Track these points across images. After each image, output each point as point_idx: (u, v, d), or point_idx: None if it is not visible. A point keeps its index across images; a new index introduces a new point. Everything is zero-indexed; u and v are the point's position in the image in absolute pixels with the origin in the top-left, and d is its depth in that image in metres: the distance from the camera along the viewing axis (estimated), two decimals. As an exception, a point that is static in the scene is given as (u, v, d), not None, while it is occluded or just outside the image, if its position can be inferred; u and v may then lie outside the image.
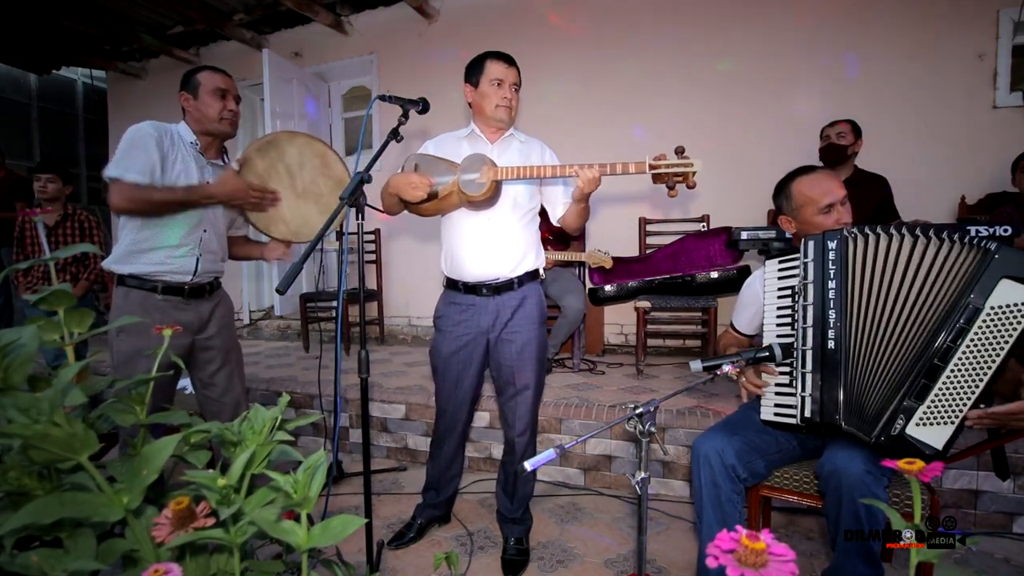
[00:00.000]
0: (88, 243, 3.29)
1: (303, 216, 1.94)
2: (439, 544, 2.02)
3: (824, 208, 1.54)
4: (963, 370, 1.20)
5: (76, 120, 6.93)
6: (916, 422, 1.22)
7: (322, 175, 1.94)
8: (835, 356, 1.33)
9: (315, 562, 0.82)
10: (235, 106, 1.82)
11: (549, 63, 4.02)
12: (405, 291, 4.53)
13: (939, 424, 1.21)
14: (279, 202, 1.88)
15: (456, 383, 1.89)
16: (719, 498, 1.41)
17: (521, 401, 1.84)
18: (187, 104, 1.79)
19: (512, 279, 1.81)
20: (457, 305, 1.86)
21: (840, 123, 2.89)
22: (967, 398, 1.19)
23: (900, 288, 1.31)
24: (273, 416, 0.72)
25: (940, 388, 1.21)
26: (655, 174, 1.58)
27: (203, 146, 1.81)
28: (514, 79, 1.79)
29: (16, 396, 0.60)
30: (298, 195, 1.92)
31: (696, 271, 3.30)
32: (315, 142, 1.94)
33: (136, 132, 1.68)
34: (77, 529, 0.64)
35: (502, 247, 1.79)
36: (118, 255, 1.73)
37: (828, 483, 1.30)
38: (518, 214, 1.81)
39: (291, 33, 4.79)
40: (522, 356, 1.81)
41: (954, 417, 1.20)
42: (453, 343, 1.86)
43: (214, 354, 1.88)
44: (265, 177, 1.86)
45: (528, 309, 1.82)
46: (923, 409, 1.22)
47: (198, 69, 1.81)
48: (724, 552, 0.46)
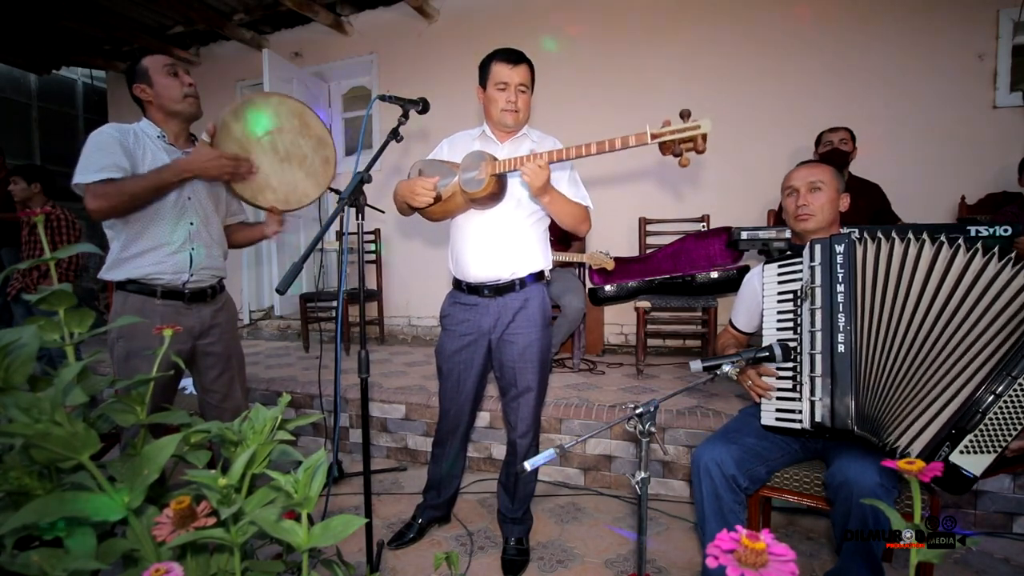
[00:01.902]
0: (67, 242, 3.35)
1: (291, 181, 1.85)
2: (439, 544, 2.02)
3: (787, 189, 1.59)
4: (1014, 401, 1.17)
5: (76, 120, 6.93)
6: (961, 449, 1.19)
7: (302, 135, 1.86)
8: (846, 360, 1.31)
9: (315, 562, 0.82)
10: (190, 79, 1.75)
11: (549, 63, 4.02)
12: (405, 291, 4.53)
13: (982, 453, 1.18)
14: (255, 170, 1.77)
15: (458, 382, 1.88)
16: (721, 509, 1.41)
17: (523, 403, 1.83)
18: (144, 95, 1.70)
19: (514, 281, 1.79)
20: (461, 305, 1.86)
21: (840, 130, 2.93)
22: (1014, 429, 1.16)
23: (922, 295, 1.28)
24: (274, 416, 0.72)
25: (990, 419, 1.18)
26: (661, 143, 1.45)
27: (171, 137, 1.74)
28: (520, 79, 1.72)
29: (17, 395, 0.60)
30: (281, 159, 1.83)
31: (696, 271, 3.30)
32: (289, 100, 1.86)
33: (96, 136, 1.63)
34: (78, 528, 0.64)
35: (504, 248, 1.77)
36: (110, 264, 1.68)
37: (839, 493, 1.29)
38: (523, 214, 1.79)
39: (291, 33, 4.79)
40: (524, 358, 1.80)
41: (997, 447, 1.17)
42: (456, 342, 1.86)
43: (215, 360, 1.84)
44: (244, 141, 1.77)
45: (531, 311, 1.80)
46: (970, 437, 1.19)
47: (138, 58, 1.72)
48: (724, 552, 0.46)
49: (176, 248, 1.70)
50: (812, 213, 1.55)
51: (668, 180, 3.83)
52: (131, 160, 1.63)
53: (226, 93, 5.02)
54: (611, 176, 3.94)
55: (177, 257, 1.71)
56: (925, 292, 1.28)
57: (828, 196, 1.55)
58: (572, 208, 1.75)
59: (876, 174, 3.08)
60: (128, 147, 1.64)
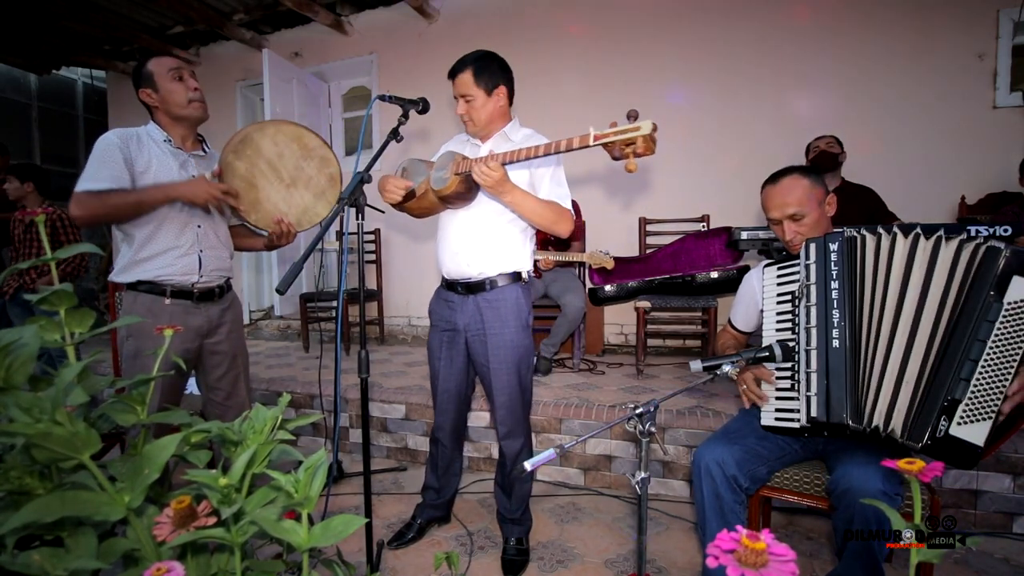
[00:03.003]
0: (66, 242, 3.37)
1: (301, 204, 1.89)
2: (439, 544, 2.02)
3: (771, 220, 1.56)
4: (993, 366, 1.21)
5: (76, 120, 6.92)
6: (958, 420, 1.22)
7: (304, 158, 1.88)
8: (840, 355, 1.33)
9: (315, 562, 0.82)
10: (196, 83, 1.76)
11: (548, 63, 4.02)
12: (405, 291, 4.53)
13: (978, 421, 1.21)
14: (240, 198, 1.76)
15: (439, 377, 1.91)
16: (722, 509, 1.41)
17: (500, 404, 1.82)
18: (150, 100, 1.72)
19: (484, 280, 1.78)
20: (442, 301, 1.90)
21: (827, 137, 2.99)
22: (999, 392, 1.20)
23: (907, 287, 1.31)
24: (274, 416, 0.72)
25: (975, 385, 1.22)
26: (605, 145, 1.38)
27: (178, 140, 1.76)
28: (459, 91, 1.73)
29: (18, 395, 0.60)
30: (287, 185, 1.86)
31: (696, 271, 3.30)
32: (285, 125, 1.88)
33: (99, 144, 1.64)
34: (78, 528, 0.64)
35: (473, 247, 1.77)
36: (121, 268, 1.72)
37: (841, 500, 1.29)
38: (493, 213, 1.77)
39: (291, 33, 4.79)
40: (498, 358, 1.78)
41: (991, 412, 1.20)
42: (436, 337, 1.91)
43: (221, 358, 1.86)
44: (249, 178, 1.80)
45: (503, 311, 1.78)
46: (963, 407, 1.22)
47: (144, 60, 1.72)
48: (724, 552, 0.46)
49: (185, 251, 1.74)
50: (803, 239, 1.50)
51: (668, 180, 3.83)
52: (129, 169, 1.65)
53: (226, 93, 5.02)
54: (611, 176, 3.94)
55: (186, 259, 1.74)
56: (911, 284, 1.31)
57: (813, 218, 1.51)
58: (540, 208, 1.69)
59: (876, 174, 3.09)
60: (129, 154, 1.66)
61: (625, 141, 1.34)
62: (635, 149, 1.34)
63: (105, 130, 1.76)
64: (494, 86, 1.74)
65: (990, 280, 1.22)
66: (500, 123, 1.80)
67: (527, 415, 1.88)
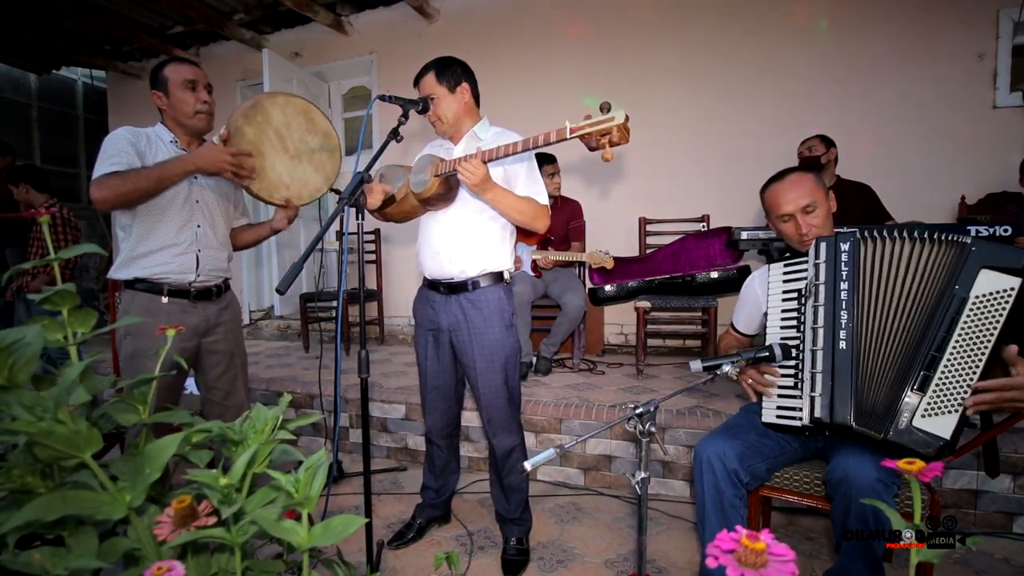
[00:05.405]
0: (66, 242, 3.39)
1: (301, 177, 1.91)
2: (439, 544, 2.02)
3: (783, 216, 1.54)
4: (958, 358, 1.22)
5: (76, 120, 6.92)
6: (921, 413, 1.23)
7: (309, 132, 1.92)
8: (847, 357, 1.33)
9: (315, 562, 0.82)
10: (208, 96, 1.79)
11: (547, 63, 4.02)
12: (405, 291, 4.53)
13: (943, 414, 1.22)
14: (254, 166, 1.78)
15: (427, 375, 1.93)
16: (722, 503, 1.41)
17: (485, 404, 1.83)
18: (160, 102, 1.76)
19: (466, 280, 1.79)
20: (424, 300, 1.93)
21: (810, 139, 3.04)
22: (966, 386, 1.21)
23: (900, 288, 1.33)
24: (275, 415, 0.72)
25: (939, 378, 1.23)
26: (582, 137, 1.42)
27: (184, 143, 1.79)
28: (425, 92, 1.78)
29: (20, 394, 0.60)
30: (292, 156, 1.88)
31: (696, 271, 3.30)
32: (294, 99, 1.91)
33: (110, 138, 1.67)
34: (79, 527, 0.64)
35: (453, 247, 1.78)
36: (119, 263, 1.73)
37: (837, 490, 1.29)
38: (475, 210, 1.78)
39: (291, 33, 4.79)
40: (484, 357, 1.79)
41: (956, 405, 1.21)
42: (422, 336, 1.94)
43: (219, 358, 1.86)
44: (257, 144, 1.80)
45: (487, 312, 1.79)
46: (927, 400, 1.24)
47: (164, 63, 1.76)
48: (724, 552, 0.46)
49: (183, 249, 1.75)
50: (817, 233, 1.51)
51: (668, 180, 3.83)
52: (141, 159, 1.67)
53: (226, 93, 5.01)
54: (611, 176, 3.94)
55: (184, 258, 1.75)
56: (903, 284, 1.33)
57: (824, 210, 1.52)
58: (520, 204, 1.71)
59: (876, 174, 3.09)
60: (140, 148, 1.68)
61: (601, 132, 1.39)
62: (611, 139, 1.39)
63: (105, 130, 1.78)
64: (456, 84, 1.78)
65: (956, 274, 1.25)
66: (469, 122, 1.82)
67: (517, 413, 1.89)
